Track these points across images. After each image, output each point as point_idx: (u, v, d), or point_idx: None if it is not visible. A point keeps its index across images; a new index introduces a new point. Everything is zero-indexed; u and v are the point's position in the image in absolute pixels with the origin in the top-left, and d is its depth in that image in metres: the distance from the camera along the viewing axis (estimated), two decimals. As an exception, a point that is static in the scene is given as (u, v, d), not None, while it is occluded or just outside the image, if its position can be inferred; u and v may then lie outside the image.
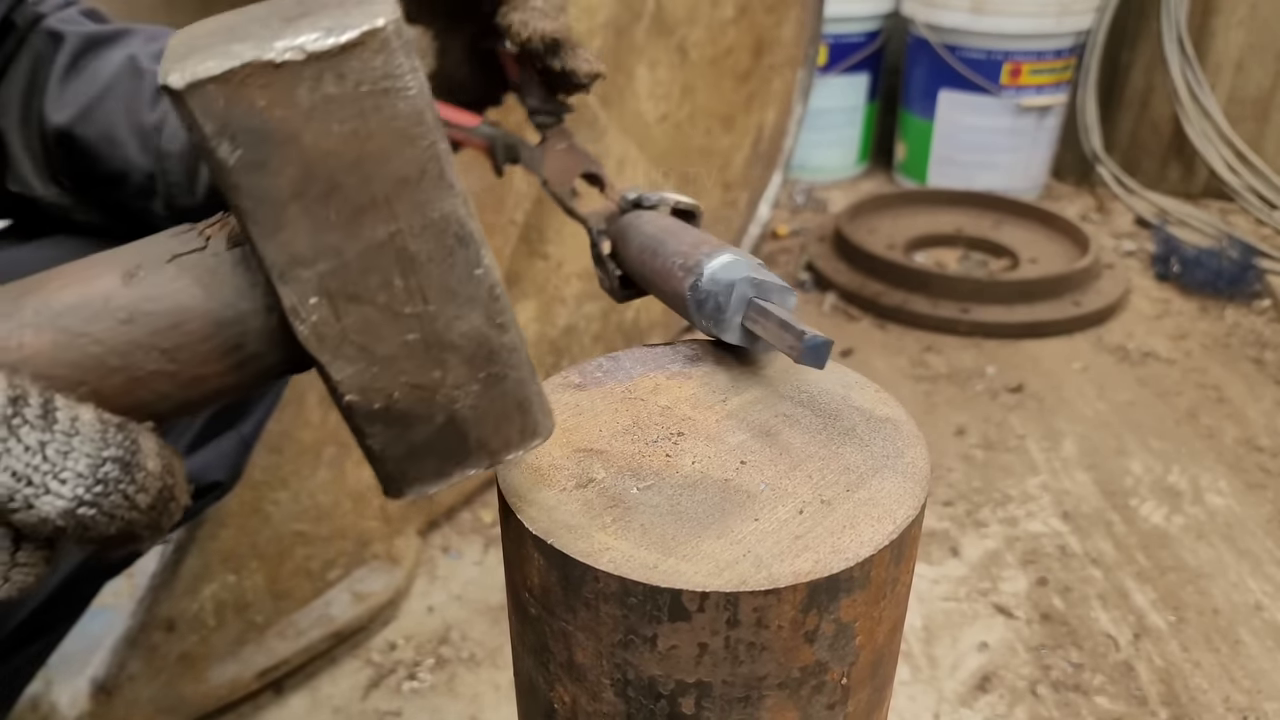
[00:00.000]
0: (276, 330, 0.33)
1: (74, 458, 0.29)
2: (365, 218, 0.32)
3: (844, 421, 0.46)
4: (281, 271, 0.32)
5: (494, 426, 0.36)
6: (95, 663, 0.98)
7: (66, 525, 0.29)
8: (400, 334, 0.34)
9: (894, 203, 2.34)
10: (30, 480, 0.28)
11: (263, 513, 1.04)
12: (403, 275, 0.33)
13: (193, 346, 0.33)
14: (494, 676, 1.13)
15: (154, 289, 0.32)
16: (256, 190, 0.31)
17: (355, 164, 0.31)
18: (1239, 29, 2.39)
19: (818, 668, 0.39)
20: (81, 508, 0.29)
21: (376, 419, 0.34)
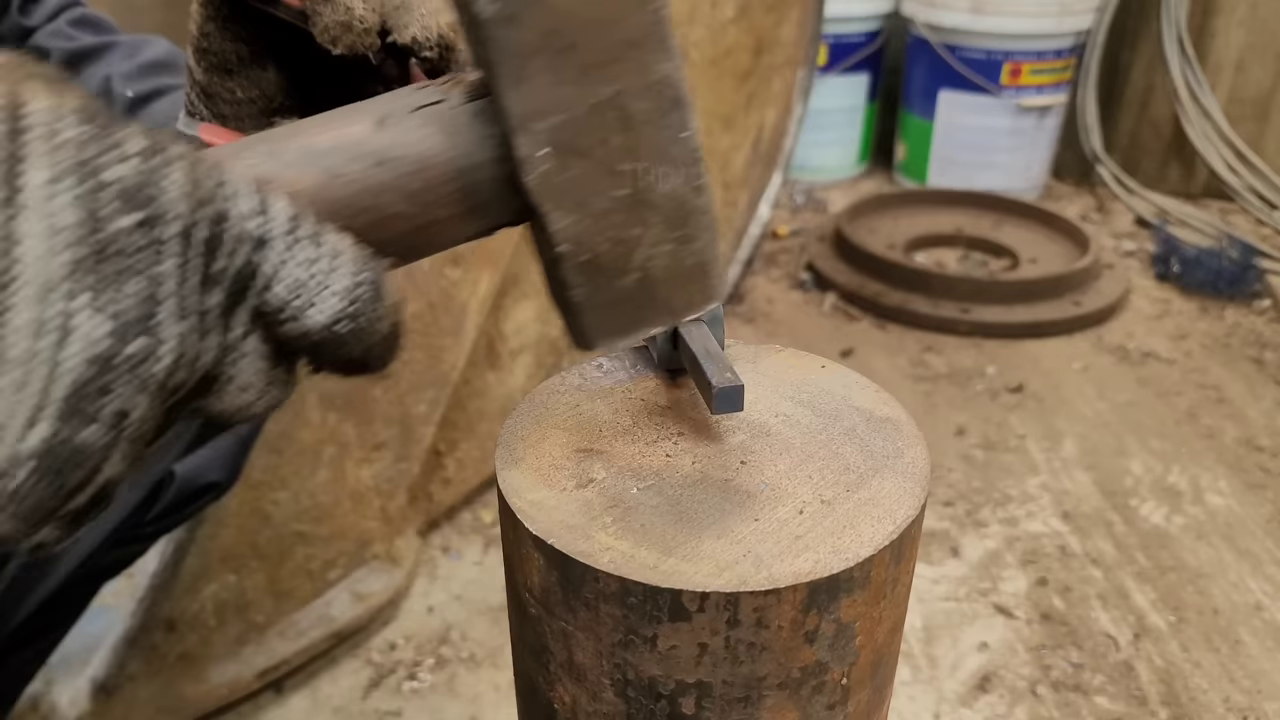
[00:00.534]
0: (506, 181, 0.36)
1: (337, 277, 0.31)
2: (595, 75, 0.34)
3: (844, 422, 0.46)
4: (520, 122, 0.34)
5: (679, 286, 0.38)
6: (95, 663, 0.98)
7: (322, 340, 0.31)
8: (613, 189, 0.36)
9: (894, 203, 2.34)
10: (302, 292, 0.30)
11: (263, 513, 1.04)
12: (621, 132, 0.35)
13: (433, 190, 0.35)
14: (494, 676, 1.13)
15: (402, 135, 0.35)
16: (507, 42, 0.33)
17: (591, 24, 0.34)
18: (1239, 29, 2.39)
19: (818, 668, 0.39)
20: (339, 323, 0.31)
21: (582, 271, 0.37)
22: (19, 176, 0.26)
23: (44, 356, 0.26)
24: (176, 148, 0.28)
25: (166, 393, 0.28)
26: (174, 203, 0.27)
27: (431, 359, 1.17)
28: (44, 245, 0.26)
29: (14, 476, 0.26)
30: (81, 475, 0.27)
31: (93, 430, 0.27)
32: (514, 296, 1.30)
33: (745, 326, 1.92)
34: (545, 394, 0.48)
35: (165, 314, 0.27)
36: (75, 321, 0.26)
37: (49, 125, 0.26)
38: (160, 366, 0.27)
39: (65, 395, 0.26)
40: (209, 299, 0.29)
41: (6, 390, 0.26)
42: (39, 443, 0.26)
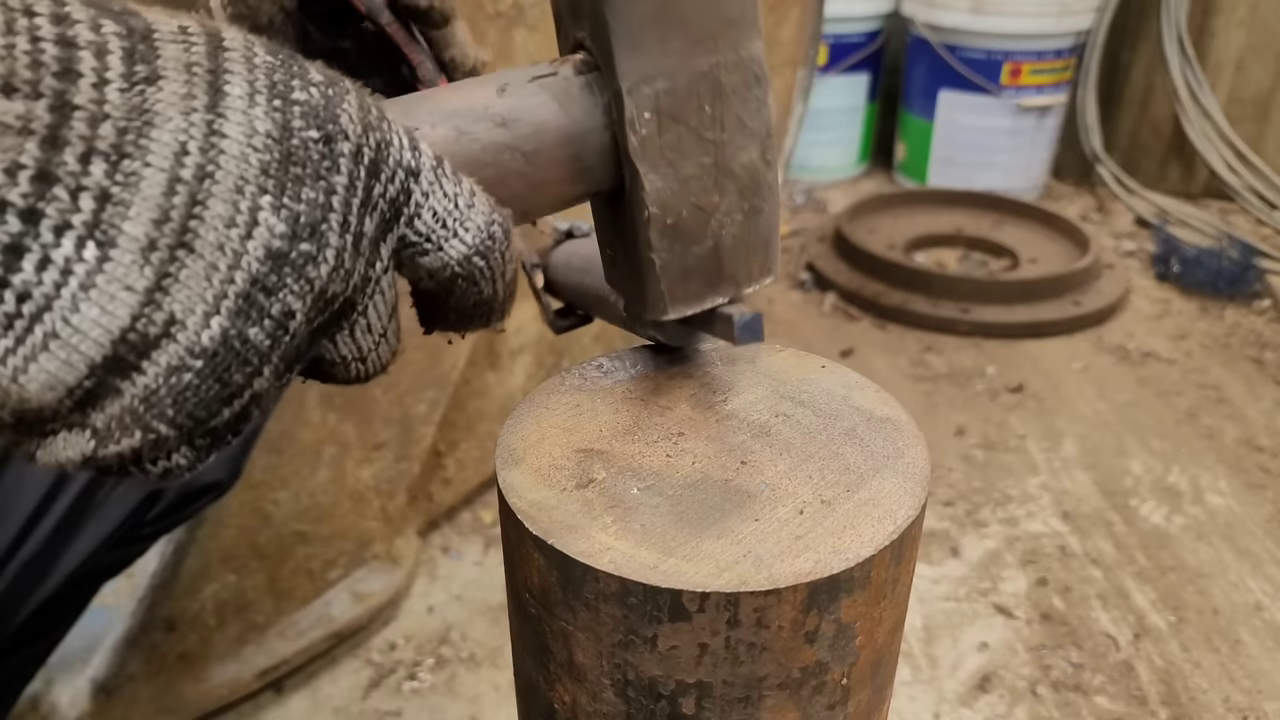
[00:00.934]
0: (609, 146, 0.39)
1: (475, 212, 0.33)
2: (697, 47, 0.38)
3: (844, 422, 0.46)
4: (632, 85, 0.37)
5: (745, 257, 0.41)
6: (95, 663, 0.98)
7: (458, 274, 0.34)
8: (699, 156, 0.39)
9: (894, 203, 2.34)
10: (445, 223, 0.33)
11: (263, 513, 1.04)
12: (712, 103, 0.38)
13: (547, 152, 0.38)
14: (494, 676, 1.13)
15: (521, 101, 0.38)
16: (626, 12, 0.36)
17: (698, 1, 0.37)
18: (1239, 29, 2.39)
19: (818, 668, 0.39)
20: (475, 256, 0.34)
21: (666, 234, 0.39)
22: (224, 85, 0.28)
23: (231, 248, 0.27)
24: (348, 81, 0.31)
25: (320, 304, 0.30)
26: (349, 124, 0.30)
27: (431, 359, 1.17)
28: (241, 146, 0.28)
29: (184, 374, 0.27)
30: (242, 379, 0.29)
31: (259, 330, 0.28)
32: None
33: (745, 326, 1.92)
34: (545, 394, 0.48)
35: (332, 223, 0.29)
36: (260, 217, 0.28)
37: (246, 48, 0.29)
38: (322, 271, 0.29)
39: (242, 289, 0.28)
40: (367, 220, 0.31)
41: (193, 279, 0.27)
42: (212, 339, 0.27)
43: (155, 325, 0.27)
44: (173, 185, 0.27)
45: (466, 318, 0.36)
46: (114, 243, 0.26)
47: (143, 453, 0.28)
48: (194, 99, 0.27)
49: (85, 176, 0.25)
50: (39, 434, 0.28)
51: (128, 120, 0.26)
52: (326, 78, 0.30)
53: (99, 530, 0.69)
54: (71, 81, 0.25)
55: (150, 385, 0.27)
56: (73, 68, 0.25)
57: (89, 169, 0.25)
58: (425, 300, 0.36)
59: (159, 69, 0.27)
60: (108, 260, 0.26)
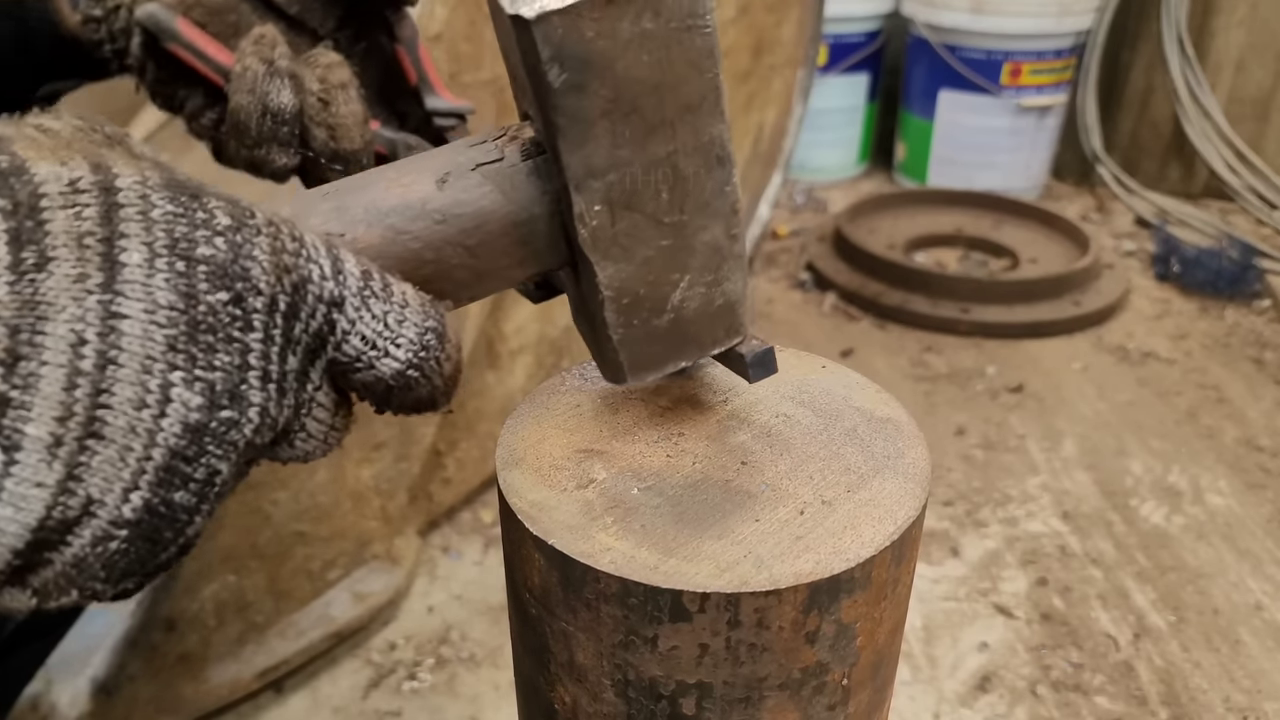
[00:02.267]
0: (558, 233, 0.38)
1: (406, 327, 0.33)
2: (653, 137, 0.36)
3: (844, 422, 0.46)
4: (579, 182, 0.36)
5: (709, 324, 0.41)
6: (95, 663, 0.98)
7: (395, 385, 0.33)
8: (657, 240, 0.38)
9: (894, 203, 2.34)
10: (375, 344, 0.32)
11: (263, 513, 1.04)
12: (670, 189, 0.38)
13: (491, 244, 0.38)
14: (494, 676, 1.13)
15: (463, 194, 0.37)
16: (573, 110, 0.35)
17: (654, 89, 0.36)
18: (1239, 29, 2.39)
19: (819, 668, 0.39)
20: (409, 370, 0.33)
21: (623, 312, 0.39)
22: (119, 255, 0.27)
23: (143, 429, 0.27)
24: (258, 217, 0.30)
25: (250, 451, 0.30)
26: (260, 276, 0.29)
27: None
28: (143, 324, 0.27)
29: (110, 543, 0.28)
30: (173, 534, 0.29)
31: (184, 494, 0.28)
32: (514, 296, 1.30)
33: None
34: (545, 394, 0.48)
35: (251, 381, 0.29)
36: (172, 394, 0.27)
37: (141, 202, 0.27)
38: (246, 431, 0.29)
39: (161, 464, 0.28)
40: (289, 362, 0.30)
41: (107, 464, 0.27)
42: (134, 511, 0.28)
43: (72, 509, 0.27)
44: (73, 380, 0.26)
45: (408, 411, 0.36)
46: (19, 446, 0.25)
47: (84, 600, 0.29)
48: (87, 279, 0.26)
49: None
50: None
51: (19, 318, 0.25)
52: (234, 218, 0.29)
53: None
54: None
55: (78, 554, 0.28)
56: None
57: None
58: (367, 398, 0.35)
59: (47, 249, 0.26)
60: (14, 464, 0.26)
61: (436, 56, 1.02)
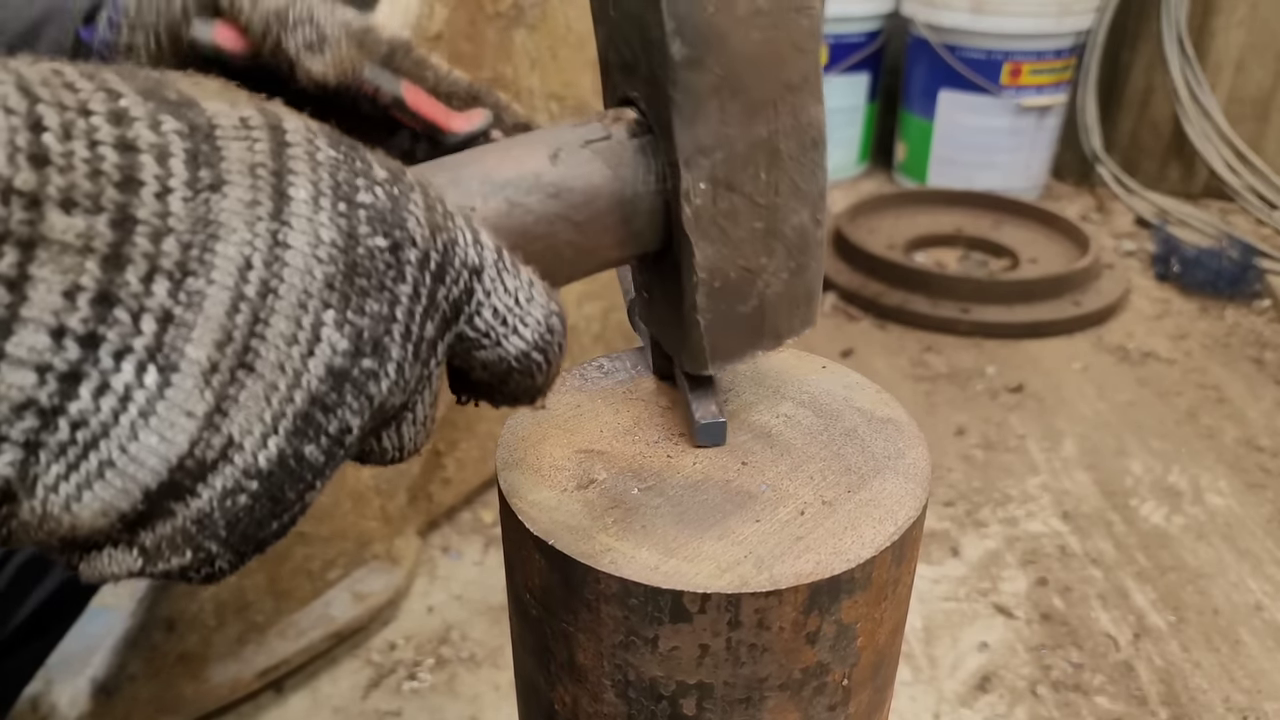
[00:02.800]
0: (659, 213, 0.39)
1: (534, 306, 0.32)
2: (757, 116, 0.37)
3: (845, 422, 0.46)
4: (688, 158, 0.36)
5: (787, 312, 0.41)
6: (95, 663, 0.98)
7: (518, 366, 0.32)
8: (751, 221, 0.39)
9: (894, 203, 2.34)
10: (505, 320, 0.31)
11: (263, 513, 1.04)
12: (767, 170, 0.38)
13: (598, 220, 0.38)
14: (494, 676, 1.13)
15: (574, 169, 0.37)
16: (689, 84, 0.35)
17: (760, 68, 0.36)
18: (1239, 29, 2.39)
19: (819, 669, 0.39)
20: (534, 351, 0.32)
21: (713, 296, 0.39)
22: (288, 189, 0.26)
23: (291, 367, 0.26)
24: (409, 176, 0.29)
25: (378, 415, 0.29)
26: (416, 228, 0.28)
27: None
28: (306, 257, 0.26)
29: (240, 495, 0.26)
30: (295, 495, 0.27)
31: (315, 448, 0.27)
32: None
33: (745, 326, 1.92)
34: (546, 394, 0.48)
35: (395, 335, 0.28)
36: (322, 334, 0.26)
37: (307, 144, 0.27)
38: (383, 386, 0.28)
39: (301, 409, 0.26)
40: (428, 327, 0.29)
41: (252, 400, 0.26)
42: (269, 460, 0.26)
43: (213, 449, 0.25)
44: (236, 304, 0.25)
45: (510, 400, 0.34)
46: (176, 367, 0.24)
47: (190, 568, 0.27)
48: (259, 206, 0.26)
49: (148, 297, 0.24)
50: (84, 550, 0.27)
51: (192, 234, 0.25)
52: (390, 173, 0.29)
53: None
54: (134, 192, 0.24)
55: (204, 508, 0.26)
56: (135, 176, 0.24)
57: (151, 289, 0.24)
58: (468, 379, 0.34)
59: (223, 173, 0.25)
60: (169, 386, 0.24)
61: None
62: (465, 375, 0.34)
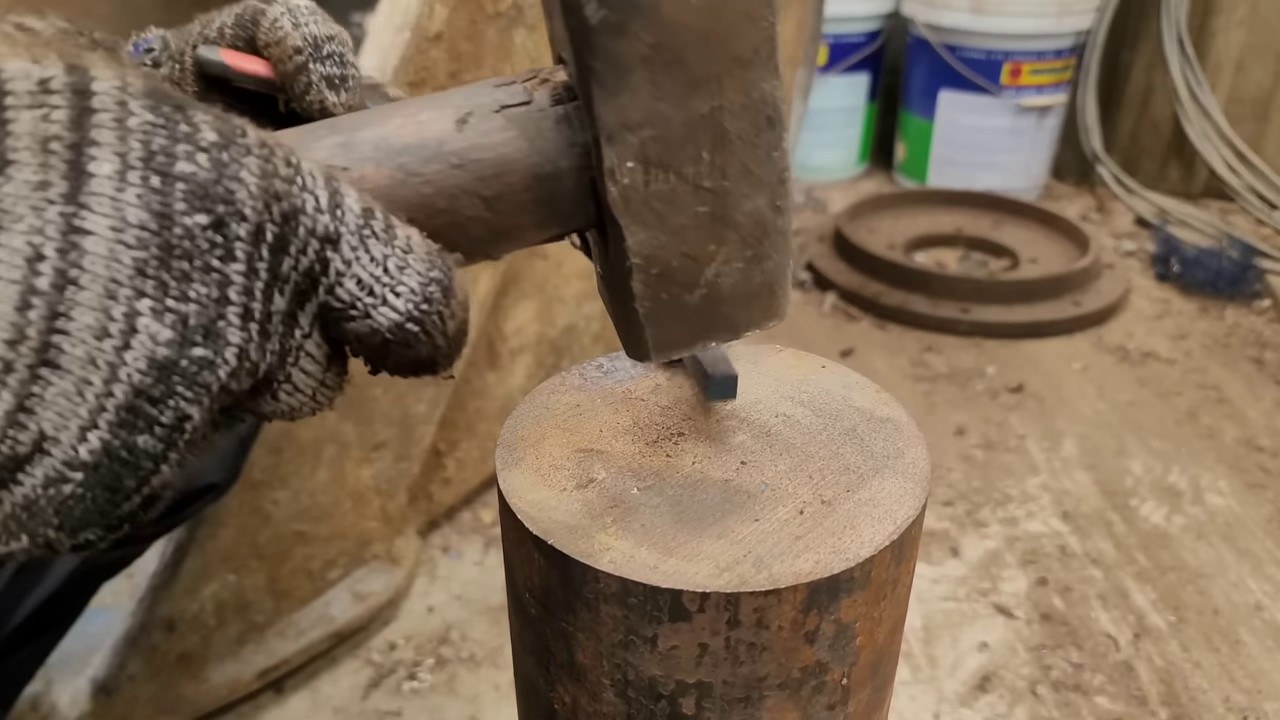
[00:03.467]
0: (585, 191, 0.35)
1: (408, 274, 0.30)
2: (697, 91, 0.33)
3: (844, 422, 0.46)
4: (611, 133, 0.33)
5: (745, 304, 0.38)
6: (95, 663, 0.98)
7: (392, 339, 0.30)
8: (694, 205, 0.35)
9: (894, 203, 2.34)
10: (372, 290, 0.29)
11: (263, 513, 1.04)
12: (711, 150, 0.34)
13: (511, 196, 0.34)
14: (494, 676, 1.13)
15: (484, 138, 0.34)
16: (610, 52, 0.32)
17: (701, 38, 0.32)
18: (1239, 29, 2.39)
19: (818, 668, 0.39)
20: (409, 323, 0.30)
21: (651, 284, 0.36)
22: (87, 164, 0.24)
23: (104, 361, 0.25)
24: (250, 136, 0.27)
25: (225, 397, 0.27)
26: (245, 200, 0.26)
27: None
28: (109, 244, 0.24)
29: (64, 486, 0.25)
30: (135, 482, 0.26)
31: (149, 439, 0.26)
32: (514, 296, 1.30)
33: (745, 326, 1.92)
34: (545, 394, 0.48)
35: (230, 319, 0.26)
36: (139, 325, 0.25)
37: (118, 109, 0.25)
38: (221, 373, 0.26)
39: (122, 403, 0.25)
40: (275, 301, 0.27)
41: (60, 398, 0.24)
42: (92, 453, 0.25)
43: (23, 444, 0.24)
44: (27, 299, 0.23)
45: (405, 372, 0.33)
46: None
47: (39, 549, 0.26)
48: (50, 187, 0.24)
49: None
50: None
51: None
52: (222, 135, 0.26)
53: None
54: None
55: (29, 496, 0.25)
56: None
57: None
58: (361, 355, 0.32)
59: (8, 151, 0.23)
60: None
61: (436, 56, 1.02)
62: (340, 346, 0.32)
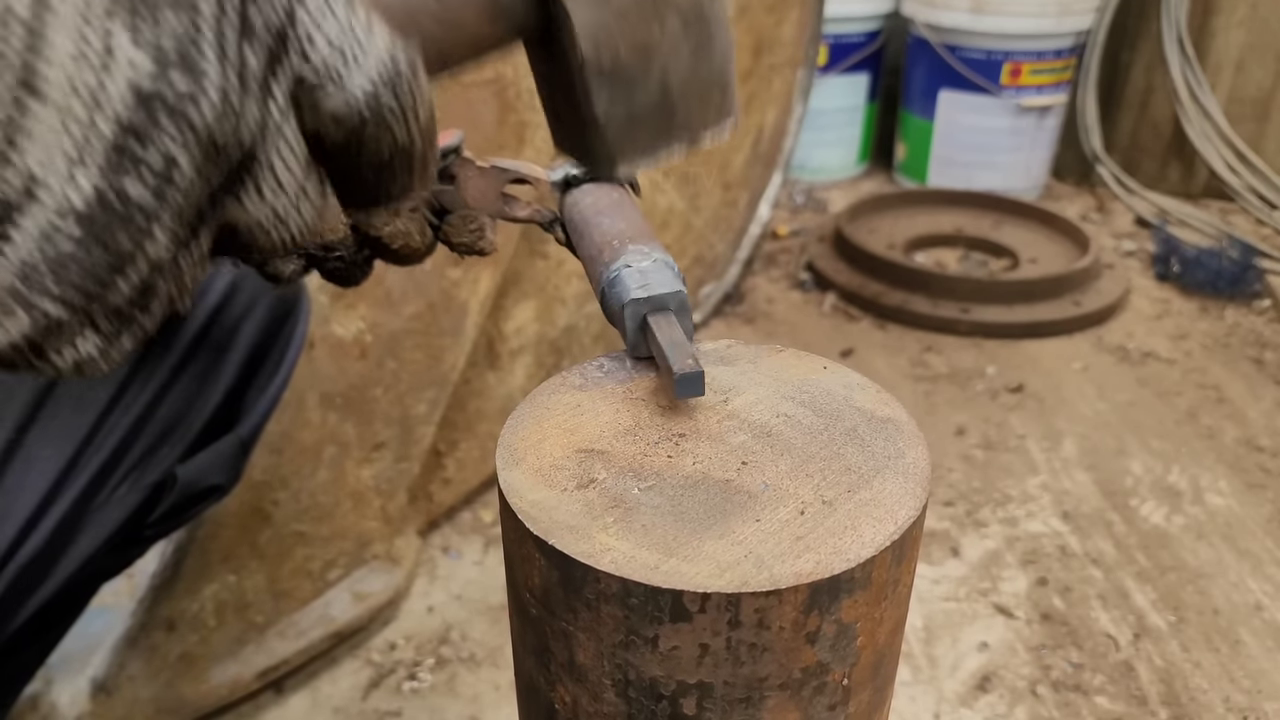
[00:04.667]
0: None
1: (374, 42, 0.29)
2: None
3: (845, 422, 0.46)
4: None
5: (698, 102, 0.39)
6: (95, 663, 0.98)
7: (367, 113, 0.29)
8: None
9: (894, 203, 2.34)
10: (343, 53, 0.29)
11: (263, 513, 1.04)
12: None
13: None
14: (494, 676, 1.13)
15: None
16: None
17: None
18: (1239, 29, 2.39)
19: (819, 668, 0.39)
20: (382, 92, 0.29)
21: (604, 80, 0.36)
22: None
23: (87, 88, 0.24)
24: None
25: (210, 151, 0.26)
26: None
27: (431, 359, 1.17)
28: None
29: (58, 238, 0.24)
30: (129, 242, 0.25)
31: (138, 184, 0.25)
32: (514, 296, 1.30)
33: (745, 326, 1.92)
34: (545, 394, 0.48)
35: (206, 52, 0.26)
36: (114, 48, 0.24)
37: None
38: (204, 109, 0.26)
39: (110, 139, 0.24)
40: (248, 52, 0.27)
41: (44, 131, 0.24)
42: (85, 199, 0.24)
43: (13, 187, 0.24)
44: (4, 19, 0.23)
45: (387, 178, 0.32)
46: None
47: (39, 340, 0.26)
48: None
49: None
50: None
51: None
52: None
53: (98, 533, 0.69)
54: None
55: (24, 258, 0.24)
56: None
57: None
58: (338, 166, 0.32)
59: None
60: None
61: None
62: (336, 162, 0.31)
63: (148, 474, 0.70)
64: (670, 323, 0.45)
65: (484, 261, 1.19)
